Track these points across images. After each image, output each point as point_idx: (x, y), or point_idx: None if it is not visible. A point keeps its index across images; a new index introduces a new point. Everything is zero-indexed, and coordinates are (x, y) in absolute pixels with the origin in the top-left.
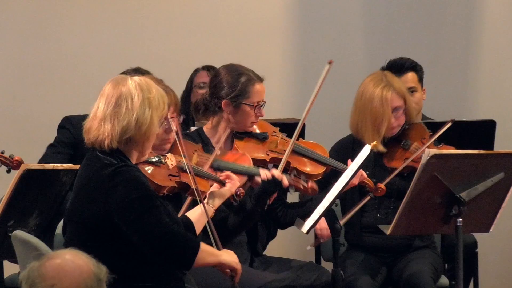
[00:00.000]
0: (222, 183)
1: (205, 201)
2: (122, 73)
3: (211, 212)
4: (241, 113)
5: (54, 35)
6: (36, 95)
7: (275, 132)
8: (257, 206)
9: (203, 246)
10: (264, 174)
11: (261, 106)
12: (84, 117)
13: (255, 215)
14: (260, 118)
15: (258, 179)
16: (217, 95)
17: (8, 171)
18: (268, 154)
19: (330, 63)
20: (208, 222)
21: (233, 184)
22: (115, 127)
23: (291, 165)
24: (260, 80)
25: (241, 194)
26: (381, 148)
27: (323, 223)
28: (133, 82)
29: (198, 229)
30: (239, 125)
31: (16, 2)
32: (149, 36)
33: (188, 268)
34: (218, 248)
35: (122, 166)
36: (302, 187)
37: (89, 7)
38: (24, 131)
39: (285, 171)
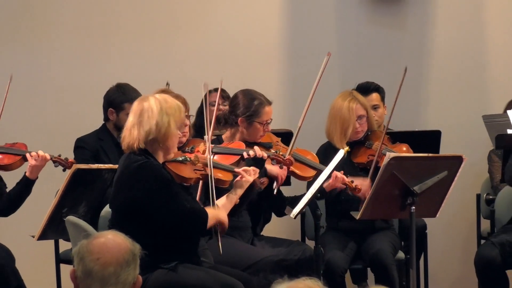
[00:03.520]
0: (237, 174)
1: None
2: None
3: (234, 199)
4: (253, 128)
5: (97, 61)
6: (83, 111)
7: (278, 142)
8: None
9: (208, 212)
10: (247, 153)
11: (269, 123)
12: (90, 134)
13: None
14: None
15: (246, 155)
16: (234, 113)
17: (64, 170)
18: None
19: (328, 55)
20: (211, 183)
21: (249, 175)
22: (140, 132)
23: (290, 169)
24: (269, 103)
25: (265, 183)
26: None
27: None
28: (153, 97)
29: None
30: (250, 136)
31: (66, 37)
32: (171, 63)
33: (204, 235)
34: (213, 204)
35: (145, 161)
36: (281, 159)
37: (125, 41)
38: (73, 141)
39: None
